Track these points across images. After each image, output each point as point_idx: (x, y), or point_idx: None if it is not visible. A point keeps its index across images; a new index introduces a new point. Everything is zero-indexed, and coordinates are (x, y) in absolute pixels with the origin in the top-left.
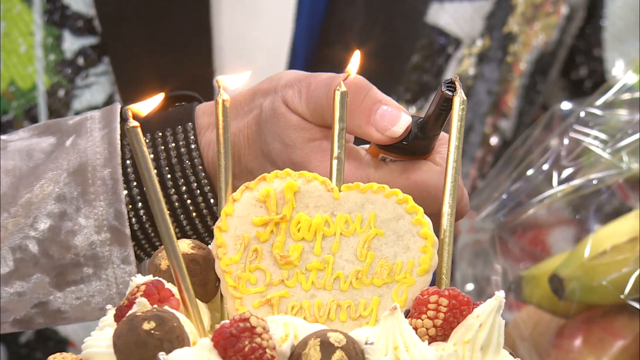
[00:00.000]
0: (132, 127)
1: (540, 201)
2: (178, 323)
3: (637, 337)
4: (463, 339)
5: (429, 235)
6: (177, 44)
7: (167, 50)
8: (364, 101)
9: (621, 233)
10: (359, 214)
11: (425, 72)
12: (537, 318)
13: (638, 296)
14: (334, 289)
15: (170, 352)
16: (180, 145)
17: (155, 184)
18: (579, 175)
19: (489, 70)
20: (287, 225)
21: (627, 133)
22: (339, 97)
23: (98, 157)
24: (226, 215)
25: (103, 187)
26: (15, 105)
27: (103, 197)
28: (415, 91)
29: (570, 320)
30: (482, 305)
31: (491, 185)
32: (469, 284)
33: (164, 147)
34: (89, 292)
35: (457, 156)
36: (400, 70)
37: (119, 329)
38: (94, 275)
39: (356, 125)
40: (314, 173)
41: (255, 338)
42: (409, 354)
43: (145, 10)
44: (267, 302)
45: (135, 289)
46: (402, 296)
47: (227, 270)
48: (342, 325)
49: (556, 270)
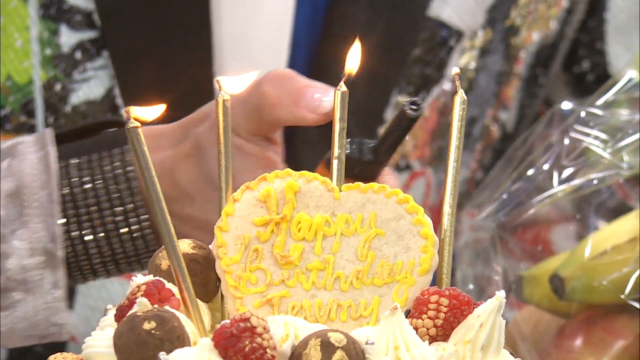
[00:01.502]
0: (132, 127)
1: (541, 201)
2: (179, 323)
3: (637, 337)
4: (464, 339)
5: (429, 235)
6: (177, 38)
7: (166, 45)
8: (291, 88)
9: (621, 233)
10: (360, 213)
11: (427, 65)
12: (537, 318)
13: (638, 296)
14: (335, 289)
15: (170, 352)
16: (116, 167)
17: (155, 184)
18: (580, 175)
19: (490, 63)
20: (287, 225)
21: (627, 133)
22: (339, 97)
23: (35, 179)
24: (227, 215)
25: (39, 209)
26: (12, 99)
27: (38, 219)
28: (418, 84)
29: (570, 320)
30: (483, 305)
31: (492, 184)
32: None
33: (100, 170)
34: (15, 320)
35: (457, 156)
36: (402, 63)
37: (119, 329)
38: (23, 301)
39: (289, 112)
40: (315, 173)
41: (256, 338)
42: (410, 354)
43: (145, 3)
44: (267, 302)
45: (135, 288)
46: (402, 296)
47: (228, 270)
48: (342, 325)
49: (557, 270)
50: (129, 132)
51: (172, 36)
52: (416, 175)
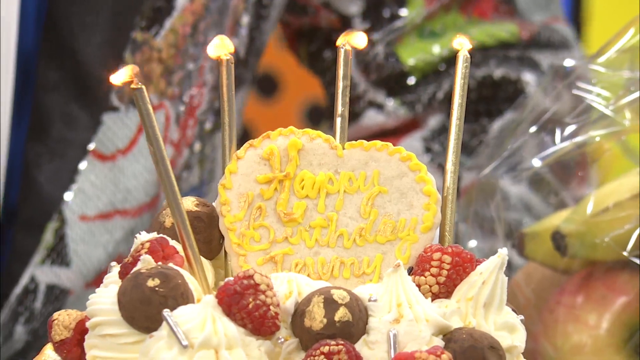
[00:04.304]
0: (137, 88)
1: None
2: (182, 280)
3: (638, 293)
4: (466, 296)
5: (432, 193)
6: None
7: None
8: None
9: (624, 190)
10: (363, 171)
11: None
12: (539, 275)
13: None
14: (338, 247)
15: (174, 309)
16: None
17: (160, 142)
18: (582, 132)
19: None
20: (290, 182)
21: (629, 90)
22: (342, 54)
23: None
24: (230, 173)
25: None
26: None
27: None
28: None
29: (572, 277)
30: (485, 262)
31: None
32: (472, 241)
33: None
34: None
35: (460, 114)
36: None
37: (123, 286)
38: None
39: None
40: (318, 131)
41: (259, 295)
42: (412, 310)
43: None
44: (271, 260)
45: (139, 246)
46: (405, 253)
47: (231, 228)
48: (345, 282)
49: (559, 227)
50: (133, 92)
51: None
52: None
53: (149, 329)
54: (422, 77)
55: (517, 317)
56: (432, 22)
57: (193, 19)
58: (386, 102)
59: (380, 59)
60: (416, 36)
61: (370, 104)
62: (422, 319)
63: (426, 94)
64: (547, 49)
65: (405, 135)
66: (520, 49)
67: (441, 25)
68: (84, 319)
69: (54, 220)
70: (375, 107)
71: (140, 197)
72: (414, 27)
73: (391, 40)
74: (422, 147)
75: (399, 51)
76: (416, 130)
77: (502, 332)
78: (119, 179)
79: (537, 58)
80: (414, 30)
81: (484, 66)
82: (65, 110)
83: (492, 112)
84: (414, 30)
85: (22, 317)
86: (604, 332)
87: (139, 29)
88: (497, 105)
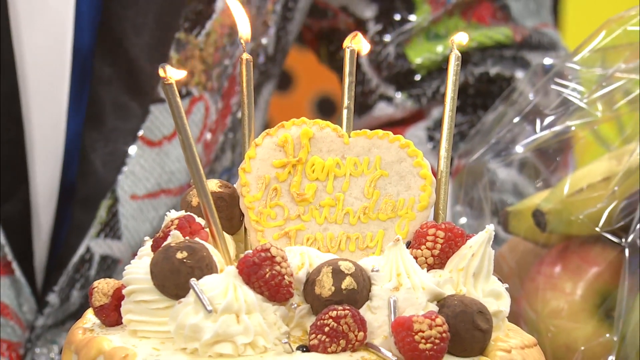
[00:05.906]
0: (168, 83)
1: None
2: (207, 253)
3: (609, 264)
4: (458, 267)
5: (427, 176)
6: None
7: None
8: None
9: (596, 173)
10: (366, 157)
11: None
12: (522, 248)
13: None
14: (344, 223)
15: (200, 278)
16: None
17: (187, 131)
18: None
19: None
20: (302, 167)
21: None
22: (348, 53)
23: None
24: (249, 159)
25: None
26: None
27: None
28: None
29: (550, 250)
30: (474, 237)
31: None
32: (463, 219)
33: None
34: None
35: (452, 106)
36: None
37: (155, 258)
38: None
39: None
40: (327, 121)
41: (275, 266)
42: (410, 280)
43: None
44: (285, 235)
45: (169, 222)
46: (404, 229)
47: (250, 207)
48: (351, 254)
49: (539, 206)
50: (164, 86)
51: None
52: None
53: (177, 295)
54: (427, 74)
55: (502, 285)
56: (437, 26)
57: (230, 20)
58: (395, 95)
59: (391, 58)
60: (423, 38)
61: (381, 97)
62: (419, 287)
63: (430, 89)
64: (538, 50)
65: (411, 125)
66: (513, 50)
67: (445, 29)
68: (120, 287)
69: (107, 198)
70: (386, 100)
71: (183, 178)
72: (421, 30)
73: (401, 42)
74: (425, 135)
75: (408, 51)
76: (421, 121)
77: (489, 299)
78: (165, 162)
79: (529, 58)
80: (421, 33)
81: (481, 65)
82: (117, 102)
83: (487, 105)
84: (421, 33)
85: (78, 284)
86: (578, 298)
87: (183, 30)
88: (493, 99)
